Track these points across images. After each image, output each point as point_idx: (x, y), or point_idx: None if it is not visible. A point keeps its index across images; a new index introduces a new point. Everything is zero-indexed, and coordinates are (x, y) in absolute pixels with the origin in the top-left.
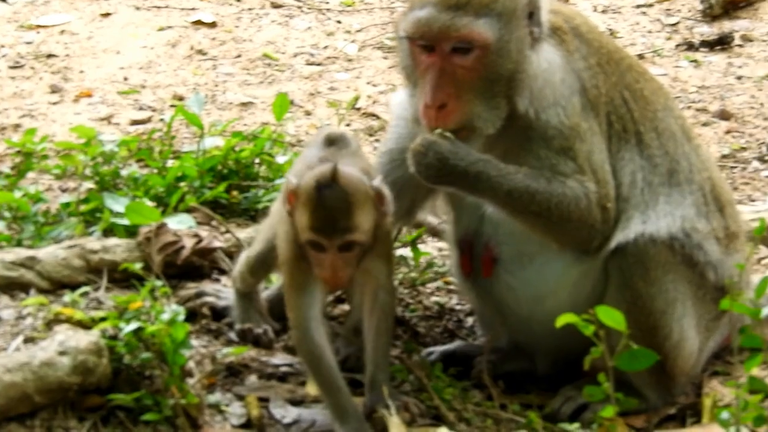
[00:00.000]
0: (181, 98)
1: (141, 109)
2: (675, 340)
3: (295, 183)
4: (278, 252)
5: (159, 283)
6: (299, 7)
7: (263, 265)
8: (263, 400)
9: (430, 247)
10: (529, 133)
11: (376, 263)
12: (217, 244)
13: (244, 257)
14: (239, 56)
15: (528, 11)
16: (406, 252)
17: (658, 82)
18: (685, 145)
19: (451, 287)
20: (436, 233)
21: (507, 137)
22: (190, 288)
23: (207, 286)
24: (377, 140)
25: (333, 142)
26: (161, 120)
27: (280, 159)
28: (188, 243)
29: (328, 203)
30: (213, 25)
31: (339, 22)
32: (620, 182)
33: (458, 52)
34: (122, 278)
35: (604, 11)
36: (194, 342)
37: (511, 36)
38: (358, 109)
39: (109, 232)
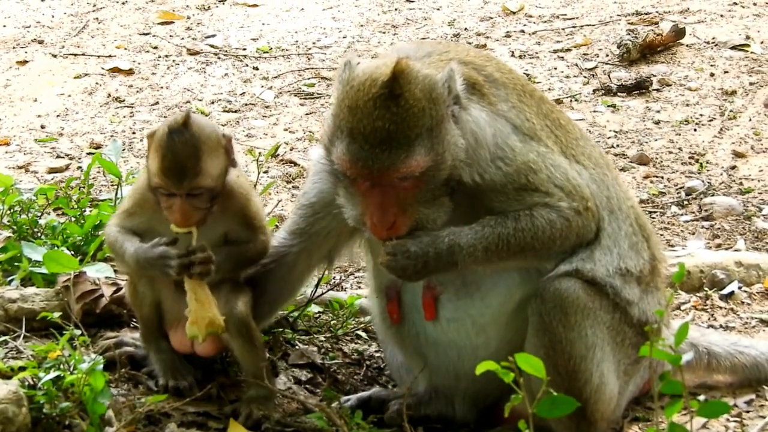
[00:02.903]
0: (98, 146)
1: (58, 156)
2: (595, 384)
3: (153, 129)
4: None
5: (78, 332)
6: (216, 54)
7: None
8: None
9: (349, 293)
10: (481, 194)
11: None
12: None
13: None
14: (156, 103)
15: (448, 94)
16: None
17: (566, 115)
18: (608, 173)
19: (371, 334)
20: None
21: (463, 203)
22: (110, 337)
23: (126, 335)
24: (295, 187)
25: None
26: (79, 168)
27: None
28: (107, 291)
29: (178, 148)
30: (130, 72)
31: (256, 68)
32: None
33: (393, 179)
34: (41, 327)
35: (521, 56)
36: (114, 391)
37: (443, 143)
38: (276, 156)
39: (27, 281)
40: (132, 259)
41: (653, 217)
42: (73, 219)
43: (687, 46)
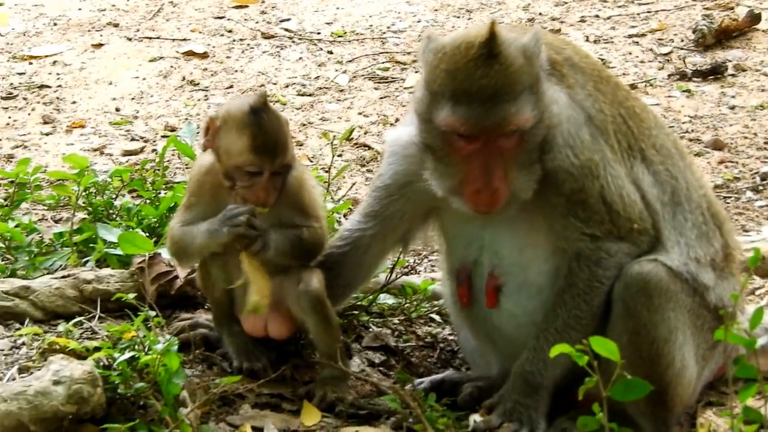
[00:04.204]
0: (173, 129)
1: (133, 139)
2: (677, 368)
3: (216, 112)
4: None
5: (152, 313)
6: (290, 38)
7: None
8: (257, 430)
9: (423, 276)
10: (542, 178)
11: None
12: None
13: None
14: (231, 87)
15: (538, 57)
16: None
17: (642, 101)
18: (680, 162)
19: (445, 317)
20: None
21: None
22: (184, 318)
23: (200, 316)
24: (369, 170)
25: None
26: (153, 151)
27: None
28: (182, 273)
29: (267, 125)
30: (204, 55)
31: (330, 52)
32: (643, 194)
33: (503, 135)
34: (116, 308)
35: (596, 41)
36: (188, 372)
37: (543, 101)
38: (350, 139)
39: (102, 262)
40: (204, 234)
41: (727, 203)
42: (148, 201)
43: (763, 31)
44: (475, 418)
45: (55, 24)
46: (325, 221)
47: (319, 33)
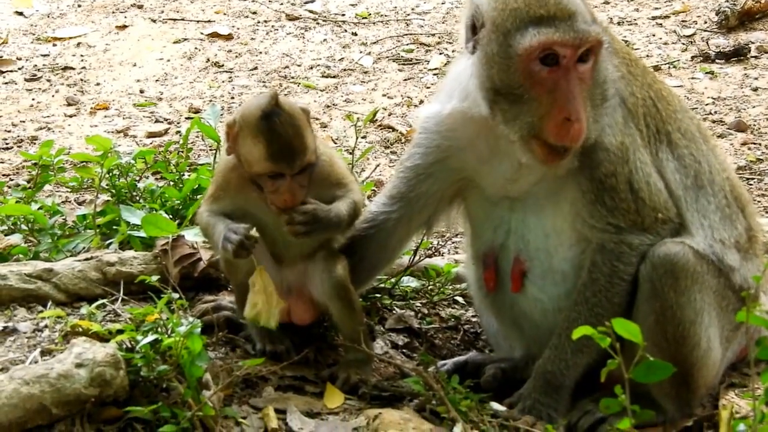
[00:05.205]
0: (197, 110)
1: (157, 121)
2: (702, 350)
3: (233, 118)
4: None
5: (176, 295)
6: (315, 20)
7: None
8: (280, 412)
9: (447, 259)
10: (578, 157)
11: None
12: None
13: None
14: (255, 68)
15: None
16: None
17: (667, 84)
18: (703, 146)
19: (468, 300)
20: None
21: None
22: (207, 300)
23: (224, 298)
24: (393, 152)
25: None
26: (177, 132)
27: None
28: (205, 255)
29: (282, 130)
30: (229, 37)
31: (354, 34)
32: (666, 182)
33: (580, 61)
34: (139, 291)
35: (619, 23)
36: (211, 354)
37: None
38: (374, 121)
39: (125, 244)
40: (217, 239)
41: (750, 185)
42: (171, 183)
43: None
44: (497, 406)
45: (79, 6)
46: (357, 183)
47: (343, 15)
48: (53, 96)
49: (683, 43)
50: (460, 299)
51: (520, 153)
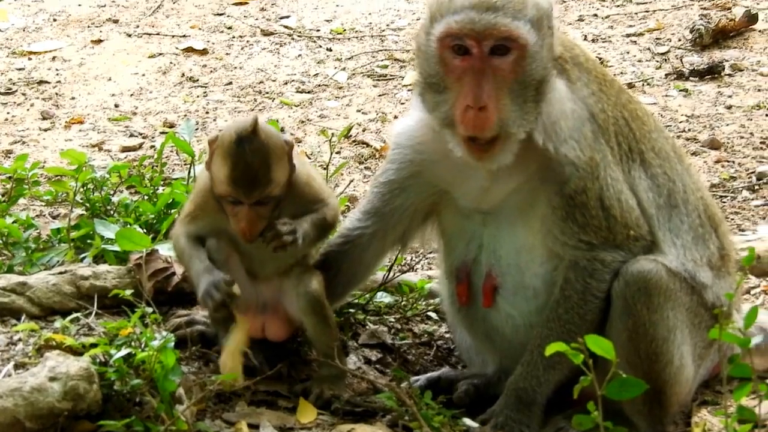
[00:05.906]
0: (171, 125)
1: (132, 135)
2: (675, 367)
3: (215, 134)
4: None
5: (149, 309)
6: (290, 35)
7: None
8: (253, 427)
9: (420, 275)
10: (546, 171)
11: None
12: None
13: None
14: (230, 83)
15: (548, 25)
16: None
17: (643, 105)
18: (678, 166)
19: (441, 315)
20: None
21: (522, 172)
22: (181, 314)
23: (197, 313)
24: (367, 167)
25: None
26: (152, 147)
27: None
28: (179, 270)
29: (248, 158)
30: (204, 52)
31: (329, 50)
32: (638, 200)
33: (496, 53)
34: (113, 305)
35: (594, 40)
36: (184, 368)
37: (542, 42)
38: (349, 137)
39: (99, 258)
40: (196, 279)
41: (724, 202)
42: (146, 197)
43: (759, 31)
44: (469, 422)
45: (54, 20)
46: (333, 193)
47: (318, 30)
48: (28, 110)
49: (657, 61)
50: (433, 315)
51: (453, 147)
